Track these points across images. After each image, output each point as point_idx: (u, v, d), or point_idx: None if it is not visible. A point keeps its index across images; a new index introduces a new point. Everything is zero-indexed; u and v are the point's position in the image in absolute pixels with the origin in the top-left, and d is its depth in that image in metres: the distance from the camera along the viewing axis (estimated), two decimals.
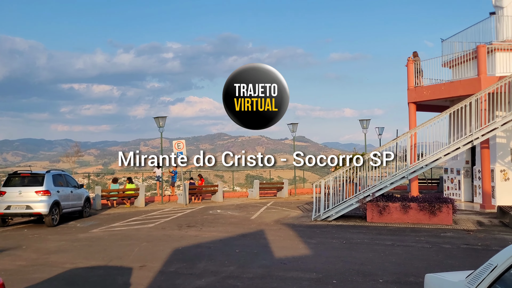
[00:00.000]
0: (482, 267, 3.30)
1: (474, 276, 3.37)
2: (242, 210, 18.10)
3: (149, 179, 35.45)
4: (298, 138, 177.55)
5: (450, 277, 3.92)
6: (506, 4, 19.12)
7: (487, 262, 3.28)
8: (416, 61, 19.64)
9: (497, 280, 3.09)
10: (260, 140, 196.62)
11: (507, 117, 14.52)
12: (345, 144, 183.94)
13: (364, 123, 25.53)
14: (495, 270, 3.12)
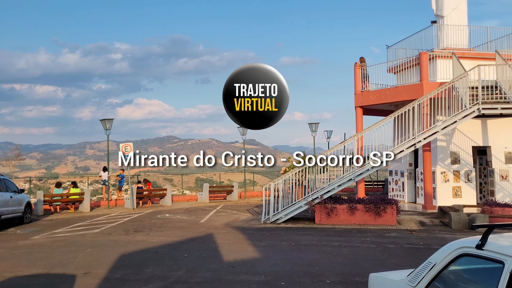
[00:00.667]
0: (422, 266, 3.39)
1: (414, 274, 3.46)
2: (191, 214, 17.90)
3: (95, 183, 34.40)
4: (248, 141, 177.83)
5: (393, 276, 4.02)
6: (447, 13, 20.04)
7: (426, 261, 3.38)
8: (363, 67, 20.20)
9: (436, 278, 3.19)
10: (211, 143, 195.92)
11: (447, 121, 15.17)
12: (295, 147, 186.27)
13: (313, 127, 25.95)
14: (434, 268, 3.22)
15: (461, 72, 15.63)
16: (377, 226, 13.64)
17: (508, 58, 17.81)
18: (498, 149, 18.44)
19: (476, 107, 14.79)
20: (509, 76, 15.33)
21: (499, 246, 2.74)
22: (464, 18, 20.19)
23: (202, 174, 42.19)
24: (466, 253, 3.01)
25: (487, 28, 20.05)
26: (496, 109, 14.91)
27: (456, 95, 15.60)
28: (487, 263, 2.82)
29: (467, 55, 18.69)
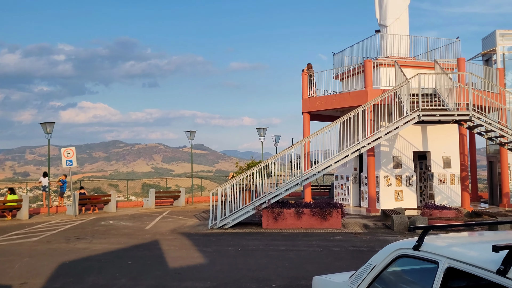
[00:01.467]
0: (363, 268, 3.43)
1: (355, 276, 3.50)
2: (136, 220, 17.46)
3: (35, 189, 32.89)
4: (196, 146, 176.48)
5: (336, 278, 4.05)
6: (390, 23, 20.78)
7: (367, 263, 3.42)
8: (310, 73, 20.54)
9: (376, 279, 3.23)
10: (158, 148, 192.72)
11: (389, 127, 15.67)
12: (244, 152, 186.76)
13: (261, 132, 26.09)
14: (374, 269, 3.26)
15: (403, 80, 16.21)
16: (323, 230, 13.84)
17: (446, 67, 18.71)
18: (436, 154, 19.27)
19: (416, 114, 15.37)
20: (447, 84, 16.06)
21: (434, 246, 2.81)
22: (405, 28, 21.01)
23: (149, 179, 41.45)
24: (404, 254, 3.07)
25: (427, 39, 20.97)
26: (434, 115, 15.55)
27: (398, 102, 16.15)
28: (423, 263, 2.88)
29: (409, 63, 19.45)
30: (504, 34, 21.10)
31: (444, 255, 2.64)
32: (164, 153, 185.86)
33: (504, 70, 20.38)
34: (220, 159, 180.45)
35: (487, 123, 15.16)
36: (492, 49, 21.05)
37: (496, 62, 20.78)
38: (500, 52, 20.77)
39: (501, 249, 2.15)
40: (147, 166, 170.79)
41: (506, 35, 21.17)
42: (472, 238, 3.52)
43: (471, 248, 2.79)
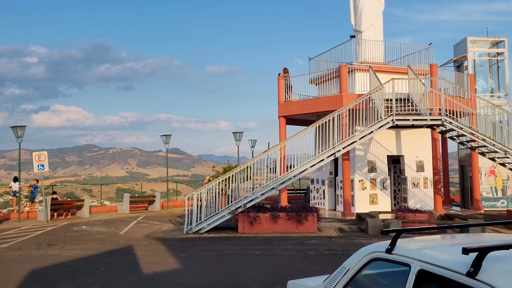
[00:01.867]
0: (337, 271, 3.43)
1: (329, 280, 3.49)
2: (110, 226, 17.17)
3: (6, 194, 32.06)
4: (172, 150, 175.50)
5: (310, 282, 4.04)
6: (364, 29, 21.06)
7: (341, 266, 3.42)
8: (286, 77, 20.63)
9: (349, 282, 3.23)
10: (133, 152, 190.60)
11: (364, 132, 15.83)
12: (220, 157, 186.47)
13: (238, 136, 26.05)
14: (347, 273, 3.26)
15: (377, 85, 16.42)
16: (298, 234, 13.87)
17: (419, 73, 19.06)
18: (410, 158, 19.58)
19: (390, 118, 15.58)
20: (420, 89, 16.34)
21: (406, 249, 2.83)
22: (380, 34, 21.32)
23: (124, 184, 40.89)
24: (377, 258, 3.08)
25: (401, 44, 21.33)
26: (408, 120, 15.80)
27: (373, 107, 16.35)
28: (396, 266, 2.89)
29: (383, 69, 19.73)
30: (475, 41, 21.62)
31: (416, 258, 2.66)
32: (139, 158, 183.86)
33: (475, 76, 20.87)
34: (196, 163, 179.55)
35: (459, 128, 15.48)
36: (464, 56, 21.54)
37: (467, 68, 21.26)
38: (471, 59, 21.27)
39: (471, 251, 2.17)
40: (122, 171, 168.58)
41: (477, 42, 21.70)
42: (444, 241, 3.56)
43: (442, 250, 2.81)
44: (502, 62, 21.45)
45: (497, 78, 21.51)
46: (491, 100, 20.35)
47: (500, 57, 21.54)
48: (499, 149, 15.01)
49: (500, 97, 21.26)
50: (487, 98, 20.38)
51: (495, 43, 21.83)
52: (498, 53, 21.62)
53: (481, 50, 21.77)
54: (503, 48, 21.48)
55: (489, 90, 21.38)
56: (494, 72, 21.59)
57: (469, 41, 21.34)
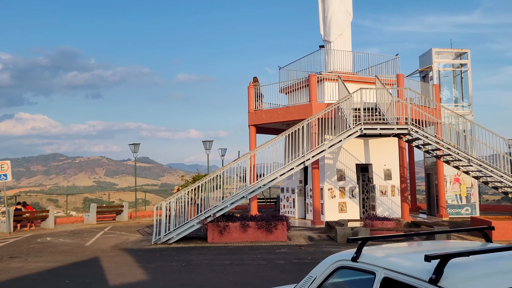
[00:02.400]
0: (304, 280, 3.41)
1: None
2: (76, 237, 16.73)
3: None
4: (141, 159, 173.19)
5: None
6: (333, 39, 21.37)
7: (308, 275, 3.40)
8: (256, 86, 20.69)
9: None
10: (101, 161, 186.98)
11: (333, 140, 15.99)
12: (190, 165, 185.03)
13: (207, 144, 25.90)
14: (314, 281, 3.25)
15: (346, 94, 16.64)
16: (268, 243, 13.83)
17: (386, 82, 19.43)
18: (378, 167, 19.87)
19: (358, 127, 15.79)
20: (387, 99, 16.64)
21: (371, 257, 2.84)
22: (348, 44, 21.67)
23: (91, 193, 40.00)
24: (344, 266, 3.08)
25: (369, 55, 21.72)
26: (376, 129, 16.04)
27: (342, 116, 16.55)
28: (362, 274, 2.90)
29: (351, 78, 20.03)
30: (440, 52, 22.22)
31: (381, 265, 2.66)
32: (108, 167, 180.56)
33: (440, 86, 21.43)
34: (165, 172, 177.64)
35: (424, 137, 15.81)
36: (429, 66, 22.09)
37: (432, 78, 21.80)
38: (436, 69, 21.83)
39: (433, 258, 2.18)
40: (89, 180, 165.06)
41: (441, 53, 22.31)
42: (409, 248, 3.59)
43: (406, 258, 2.83)
44: (465, 73, 22.10)
45: (460, 88, 22.13)
46: (455, 110, 20.92)
47: (464, 68, 22.19)
48: (463, 158, 15.40)
49: (464, 107, 21.88)
50: (452, 107, 20.94)
51: (459, 55, 22.50)
52: (461, 64, 22.27)
53: (446, 61, 22.38)
54: (466, 60, 22.14)
55: (453, 100, 21.97)
56: (458, 82, 22.22)
57: (434, 52, 21.91)
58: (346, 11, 21.85)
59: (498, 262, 2.50)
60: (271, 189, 28.94)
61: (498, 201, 31.26)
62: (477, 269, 2.37)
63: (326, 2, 21.72)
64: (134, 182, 25.28)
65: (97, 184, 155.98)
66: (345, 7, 21.81)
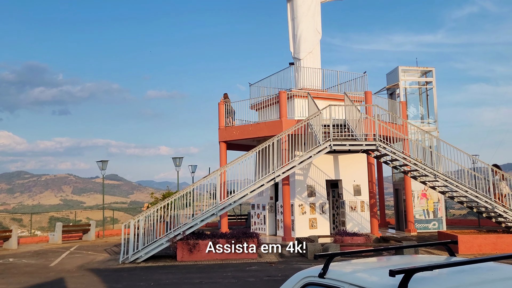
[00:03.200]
0: None
1: None
2: (40, 257, 16.18)
3: None
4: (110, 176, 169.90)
5: None
6: (303, 56, 21.67)
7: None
8: (227, 103, 20.69)
9: None
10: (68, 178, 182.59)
11: (303, 156, 16.07)
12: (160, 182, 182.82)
13: (177, 161, 25.66)
14: None
15: (315, 111, 16.82)
16: (239, 260, 13.70)
17: (355, 99, 19.76)
18: (347, 182, 20.07)
19: (328, 143, 15.93)
20: (356, 116, 16.90)
21: (338, 273, 2.82)
22: (318, 62, 22.02)
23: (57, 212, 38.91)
24: (311, 282, 3.05)
25: (338, 72, 22.08)
26: (345, 145, 16.22)
27: (312, 132, 16.69)
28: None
29: (321, 95, 20.29)
30: (406, 70, 22.81)
31: (347, 281, 2.65)
32: (75, 184, 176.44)
33: (406, 103, 21.93)
34: (135, 190, 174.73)
35: (392, 153, 16.08)
36: (396, 84, 22.62)
37: (399, 95, 22.31)
38: (403, 87, 22.36)
39: (397, 273, 2.19)
40: (55, 198, 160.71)
41: (408, 71, 22.90)
42: (377, 263, 3.60)
43: (372, 273, 2.83)
44: (430, 91, 22.71)
45: (426, 106, 22.71)
46: (422, 126, 21.41)
47: (429, 85, 22.81)
48: (429, 173, 15.71)
49: (430, 124, 22.43)
50: (418, 124, 21.42)
51: (424, 73, 23.14)
52: (427, 82, 22.89)
53: (412, 79, 22.97)
54: (431, 78, 22.78)
55: (419, 117, 22.50)
56: (424, 99, 22.81)
57: (400, 70, 22.47)
58: (315, 29, 22.24)
59: (461, 275, 2.53)
60: (242, 206, 28.80)
61: (464, 216, 31.96)
62: (441, 283, 2.39)
63: (296, 20, 22.06)
64: (102, 200, 24.75)
65: (64, 203, 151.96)
66: (314, 26, 22.20)
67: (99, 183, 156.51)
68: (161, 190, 25.88)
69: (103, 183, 25.67)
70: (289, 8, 22.58)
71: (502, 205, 15.25)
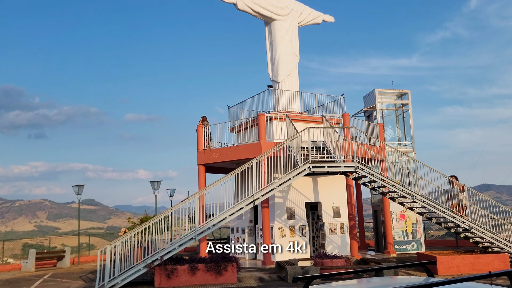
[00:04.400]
0: None
1: None
2: (11, 286, 15.59)
3: None
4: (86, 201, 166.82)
5: None
6: (281, 79, 21.89)
7: None
8: (206, 125, 20.64)
9: None
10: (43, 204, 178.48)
11: (282, 179, 16.04)
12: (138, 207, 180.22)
13: (155, 185, 25.36)
14: None
15: (294, 133, 16.89)
16: (218, 285, 13.44)
17: (333, 121, 19.93)
18: (327, 204, 20.09)
19: (307, 166, 15.96)
20: (334, 138, 17.02)
21: None
22: (296, 85, 22.25)
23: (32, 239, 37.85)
24: None
25: (315, 95, 22.35)
26: (323, 167, 16.28)
27: (291, 154, 16.71)
28: None
29: (299, 117, 20.43)
30: (382, 92, 23.20)
31: None
32: (50, 210, 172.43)
33: (384, 125, 22.23)
34: (112, 215, 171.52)
35: (370, 174, 16.19)
36: (373, 106, 22.95)
37: (377, 118, 22.63)
38: (379, 109, 22.70)
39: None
40: (29, 225, 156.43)
41: (384, 93, 23.29)
42: (357, 286, 3.55)
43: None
44: (407, 113, 23.11)
45: (403, 127, 23.07)
46: (399, 148, 21.69)
47: (405, 108, 23.22)
48: (407, 194, 15.84)
49: (407, 145, 22.74)
50: (395, 146, 21.70)
51: (400, 95, 23.57)
52: (403, 104, 23.31)
53: (388, 101, 23.36)
54: (407, 100, 23.21)
55: (396, 139, 22.81)
56: (401, 121, 23.18)
57: (377, 92, 22.84)
58: (293, 53, 22.53)
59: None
60: (221, 230, 28.51)
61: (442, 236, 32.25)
62: None
63: (274, 43, 22.33)
64: (78, 225, 24.19)
65: (38, 229, 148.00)
66: (292, 49, 22.51)
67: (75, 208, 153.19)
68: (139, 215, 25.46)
69: (79, 208, 25.12)
70: (267, 32, 22.87)
71: (480, 226, 15.43)
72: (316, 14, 24.39)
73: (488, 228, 15.51)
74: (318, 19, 24.52)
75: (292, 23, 22.79)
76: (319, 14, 24.48)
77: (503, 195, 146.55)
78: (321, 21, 24.67)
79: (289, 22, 22.65)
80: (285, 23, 22.51)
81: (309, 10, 23.98)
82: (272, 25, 22.57)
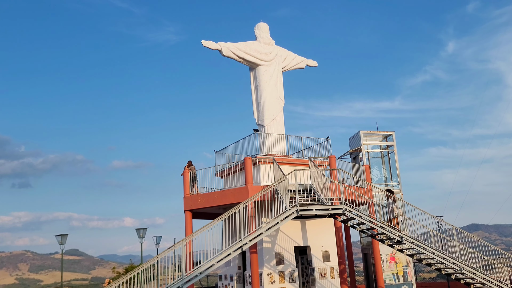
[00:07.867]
0: None
1: None
2: None
3: None
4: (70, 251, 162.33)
5: None
6: (267, 123, 22.01)
7: None
8: (192, 170, 20.46)
9: None
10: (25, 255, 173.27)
11: (270, 223, 15.79)
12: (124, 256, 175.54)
13: (141, 232, 24.82)
14: None
15: (281, 177, 16.79)
16: None
17: (319, 164, 19.94)
18: (316, 248, 19.76)
19: (295, 209, 15.78)
20: (321, 180, 16.95)
21: None
22: (282, 128, 22.36)
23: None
24: None
25: (301, 138, 22.41)
26: (311, 210, 16.10)
27: (278, 198, 16.55)
28: None
29: (286, 161, 20.40)
30: (367, 134, 23.43)
31: None
32: (32, 261, 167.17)
33: (370, 167, 22.31)
34: (97, 265, 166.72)
35: (359, 216, 16.05)
36: (358, 148, 23.11)
37: (362, 159, 22.73)
38: (365, 150, 22.86)
39: None
40: (10, 278, 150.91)
41: (369, 135, 23.52)
42: None
43: None
44: (392, 154, 23.29)
45: (389, 168, 23.17)
46: (386, 189, 21.65)
47: (390, 149, 23.42)
48: (396, 236, 15.67)
49: (394, 186, 22.77)
50: (382, 187, 21.70)
51: (385, 136, 23.82)
52: (388, 145, 23.52)
53: (374, 143, 23.56)
54: (392, 141, 23.45)
55: (383, 180, 22.85)
56: (386, 162, 23.30)
57: (362, 134, 23.06)
58: (278, 97, 22.77)
59: None
60: (209, 277, 27.78)
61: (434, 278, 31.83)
62: None
63: (259, 88, 22.59)
64: (60, 277, 23.36)
65: (20, 282, 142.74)
66: (277, 93, 22.76)
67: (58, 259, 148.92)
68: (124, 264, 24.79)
69: (62, 259, 24.35)
70: (252, 77, 23.18)
71: (471, 267, 15.25)
72: (300, 59, 24.85)
73: (479, 269, 15.33)
74: (302, 64, 24.97)
75: (277, 68, 23.16)
76: (302, 59, 24.96)
77: (492, 235, 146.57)
78: (305, 66, 25.12)
79: (274, 67, 23.02)
80: (269, 68, 22.86)
81: (293, 55, 24.45)
82: (257, 70, 22.91)
